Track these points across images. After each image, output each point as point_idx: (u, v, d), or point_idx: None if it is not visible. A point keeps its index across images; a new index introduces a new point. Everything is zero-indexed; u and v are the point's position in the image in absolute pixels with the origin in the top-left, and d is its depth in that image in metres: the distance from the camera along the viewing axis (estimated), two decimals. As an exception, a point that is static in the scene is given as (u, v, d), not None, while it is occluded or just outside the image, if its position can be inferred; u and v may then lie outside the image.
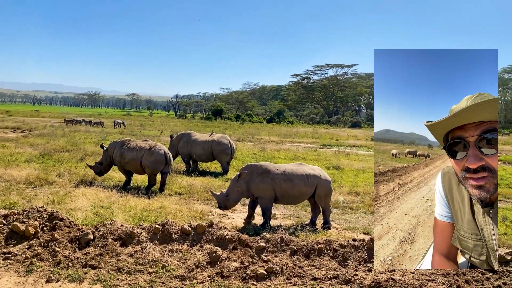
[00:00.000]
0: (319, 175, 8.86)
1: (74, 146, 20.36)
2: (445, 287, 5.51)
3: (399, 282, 5.55)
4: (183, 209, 9.16)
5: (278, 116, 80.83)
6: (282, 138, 36.80)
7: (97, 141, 23.72)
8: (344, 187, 12.86)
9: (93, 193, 9.92)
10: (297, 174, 8.73)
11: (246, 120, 76.58)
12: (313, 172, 8.87)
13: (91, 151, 18.51)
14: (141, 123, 53.49)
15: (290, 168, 8.88)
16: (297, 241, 6.48)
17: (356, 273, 5.82)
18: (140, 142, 11.87)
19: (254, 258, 6.11)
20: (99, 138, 26.08)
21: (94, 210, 8.47)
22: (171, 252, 6.16)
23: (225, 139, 14.80)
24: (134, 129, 40.61)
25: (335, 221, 9.37)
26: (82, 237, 6.34)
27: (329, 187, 8.94)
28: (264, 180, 8.60)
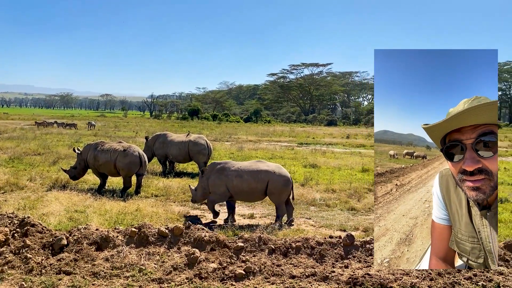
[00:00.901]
0: (272, 171, 8.85)
1: (46, 149, 19.82)
2: (419, 280, 5.65)
3: (375, 277, 5.66)
4: (159, 211, 9.07)
5: (255, 115, 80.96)
6: (260, 138, 36.88)
7: (70, 144, 23.18)
8: (320, 185, 12.99)
9: (66, 197, 9.69)
10: (248, 170, 8.92)
11: (223, 119, 76.40)
12: (266, 169, 8.91)
13: (64, 154, 18.07)
14: (116, 124, 52.59)
15: (245, 165, 9.10)
16: (275, 240, 6.51)
17: (333, 269, 5.90)
18: (114, 144, 11.67)
19: (233, 258, 6.11)
20: (72, 141, 25.50)
21: (67, 214, 8.29)
22: (148, 255, 6.09)
23: (202, 139, 14.72)
24: (109, 130, 39.89)
25: (312, 219, 9.47)
26: (55, 242, 6.18)
27: (282, 184, 8.81)
28: (219, 177, 8.98)
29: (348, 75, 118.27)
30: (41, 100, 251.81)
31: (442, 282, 5.62)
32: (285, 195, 8.93)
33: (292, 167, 17.00)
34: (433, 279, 5.69)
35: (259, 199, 9.24)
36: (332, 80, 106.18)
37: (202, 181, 9.18)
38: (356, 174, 16.02)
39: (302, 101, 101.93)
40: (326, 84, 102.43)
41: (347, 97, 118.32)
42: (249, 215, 9.59)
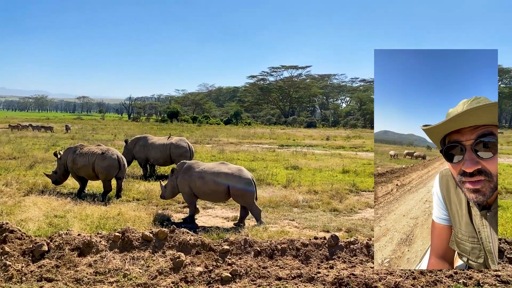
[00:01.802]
0: (231, 174, 8.90)
1: (22, 153, 19.29)
2: (403, 279, 5.76)
3: (360, 277, 5.74)
4: (142, 215, 8.95)
5: (236, 117, 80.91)
6: (240, 140, 36.86)
7: (46, 147, 22.63)
8: (303, 186, 13.07)
9: (45, 202, 9.46)
10: (209, 172, 9.00)
11: (203, 122, 76.03)
12: (226, 171, 8.96)
13: (40, 157, 17.62)
14: (93, 127, 51.63)
15: (208, 167, 9.19)
16: (260, 242, 6.52)
17: (318, 270, 5.95)
18: (92, 147, 11.46)
19: (218, 261, 6.09)
20: (48, 144, 24.90)
21: (47, 220, 8.08)
22: (132, 260, 6.00)
23: (184, 142, 14.60)
24: (86, 133, 39.12)
25: (295, 220, 9.52)
26: (35, 249, 6.03)
27: (243, 187, 8.84)
28: (184, 177, 9.20)
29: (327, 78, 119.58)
30: (15, 102, 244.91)
31: (425, 281, 5.74)
32: (249, 197, 8.90)
33: (274, 169, 17.07)
34: (416, 278, 5.80)
35: (222, 200, 9.39)
36: (311, 83, 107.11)
37: (171, 179, 9.47)
38: (337, 175, 16.19)
39: (282, 103, 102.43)
40: (305, 87, 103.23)
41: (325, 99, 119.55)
42: (233, 217, 9.56)
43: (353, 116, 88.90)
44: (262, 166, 17.92)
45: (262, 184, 13.18)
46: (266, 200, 11.00)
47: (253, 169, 16.70)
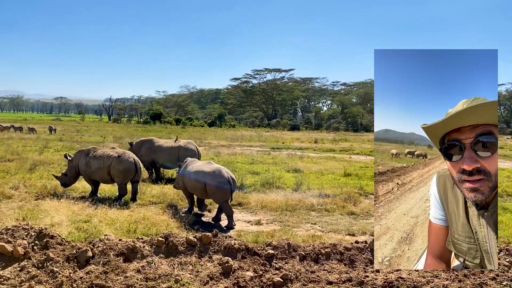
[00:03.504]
0: (209, 173, 9.34)
1: (16, 155, 18.74)
2: (449, 282, 5.89)
3: (408, 280, 5.84)
4: (166, 218, 8.84)
5: (220, 119, 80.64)
6: (230, 142, 36.77)
7: (38, 149, 22.05)
8: (312, 190, 13.16)
9: (64, 206, 9.23)
10: (195, 170, 9.68)
11: (187, 124, 75.41)
12: (206, 170, 9.47)
13: (37, 160, 17.15)
14: (77, 129, 50.53)
15: (197, 165, 9.89)
16: (304, 247, 6.55)
17: (366, 274, 6.02)
18: (108, 150, 11.26)
19: (266, 266, 6.08)
20: (39, 145, 24.25)
21: (74, 224, 7.89)
22: (180, 265, 5.94)
23: (192, 145, 14.50)
24: (72, 135, 38.26)
25: (317, 224, 9.58)
26: (80, 254, 5.88)
27: (217, 185, 9.17)
28: (180, 172, 10.16)
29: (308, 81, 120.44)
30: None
31: (470, 283, 5.89)
32: (221, 195, 9.20)
33: (277, 172, 17.11)
34: (461, 281, 5.94)
35: (207, 197, 9.73)
36: (293, 86, 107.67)
37: (178, 173, 10.40)
38: (340, 178, 16.37)
39: (265, 105, 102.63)
40: (288, 90, 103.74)
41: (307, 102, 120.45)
42: (255, 221, 9.56)
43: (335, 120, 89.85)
44: (263, 169, 17.95)
45: (273, 188, 13.21)
46: (282, 203, 11.03)
47: (256, 173, 16.75)
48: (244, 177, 14.53)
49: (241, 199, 11.32)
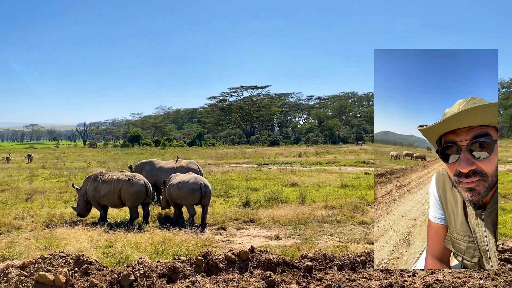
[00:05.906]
0: (182, 181, 10.73)
1: (6, 186, 18.21)
2: (484, 281, 6.14)
3: (446, 282, 6.06)
4: (188, 238, 8.82)
5: (199, 138, 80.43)
6: (216, 161, 36.77)
7: (26, 178, 21.47)
8: (318, 202, 13.35)
9: (80, 233, 9.07)
10: (174, 182, 10.95)
11: (167, 145, 74.88)
12: (183, 179, 10.80)
13: (30, 189, 16.71)
14: (55, 156, 49.36)
15: (180, 177, 11.08)
16: (339, 257, 6.70)
17: (404, 279, 6.21)
18: (116, 174, 11.16)
19: (307, 277, 6.19)
20: (25, 175, 23.58)
21: (99, 250, 7.79)
22: (224, 282, 5.97)
23: (194, 164, 14.50)
24: (53, 162, 37.34)
25: (334, 235, 9.74)
26: (123, 278, 5.84)
27: (187, 192, 10.47)
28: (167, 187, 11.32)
29: (284, 97, 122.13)
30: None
31: (503, 281, 6.16)
32: (188, 199, 10.49)
33: (274, 187, 17.24)
34: (494, 279, 6.21)
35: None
36: (270, 102, 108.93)
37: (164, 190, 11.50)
38: (338, 190, 16.66)
39: (243, 123, 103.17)
40: (265, 106, 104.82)
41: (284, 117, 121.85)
42: (274, 236, 9.63)
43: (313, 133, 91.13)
44: (261, 185, 18.07)
45: (278, 202, 13.32)
46: (294, 217, 11.16)
47: (256, 189, 16.85)
48: (245, 193, 14.59)
49: (252, 216, 11.38)
